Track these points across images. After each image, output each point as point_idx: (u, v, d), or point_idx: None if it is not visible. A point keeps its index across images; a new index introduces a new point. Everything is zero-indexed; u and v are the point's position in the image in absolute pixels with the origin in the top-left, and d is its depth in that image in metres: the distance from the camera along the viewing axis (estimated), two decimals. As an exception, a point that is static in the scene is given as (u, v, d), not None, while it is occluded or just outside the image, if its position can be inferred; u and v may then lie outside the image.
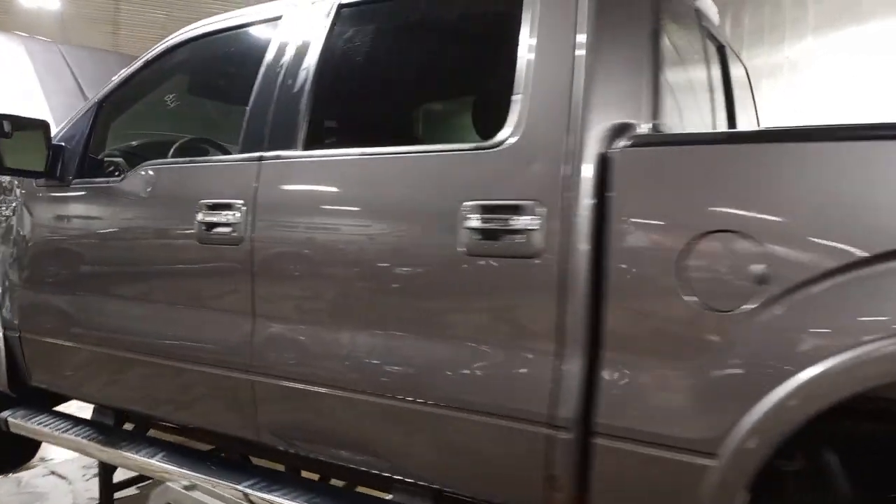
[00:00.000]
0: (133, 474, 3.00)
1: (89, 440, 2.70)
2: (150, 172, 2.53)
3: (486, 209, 1.80)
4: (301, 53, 2.28)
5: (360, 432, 2.04)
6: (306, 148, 2.19)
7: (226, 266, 2.28)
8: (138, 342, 2.52)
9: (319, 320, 2.09)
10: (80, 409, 3.09)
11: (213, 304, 2.33)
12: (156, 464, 2.46)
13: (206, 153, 2.83)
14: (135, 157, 2.90)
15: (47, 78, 3.55)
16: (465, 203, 1.82)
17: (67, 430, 2.80)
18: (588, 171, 1.69)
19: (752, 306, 1.48)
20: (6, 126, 2.60)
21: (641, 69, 1.79)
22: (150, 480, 3.11)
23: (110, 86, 2.81)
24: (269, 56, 2.36)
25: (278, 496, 2.17)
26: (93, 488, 3.40)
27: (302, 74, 2.25)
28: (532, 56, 1.83)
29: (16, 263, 2.95)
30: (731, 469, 1.49)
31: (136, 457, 2.54)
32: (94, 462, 3.45)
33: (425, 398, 1.90)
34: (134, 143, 3.04)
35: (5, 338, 2.99)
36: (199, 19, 2.63)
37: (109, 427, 2.80)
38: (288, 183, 2.19)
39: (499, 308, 1.81)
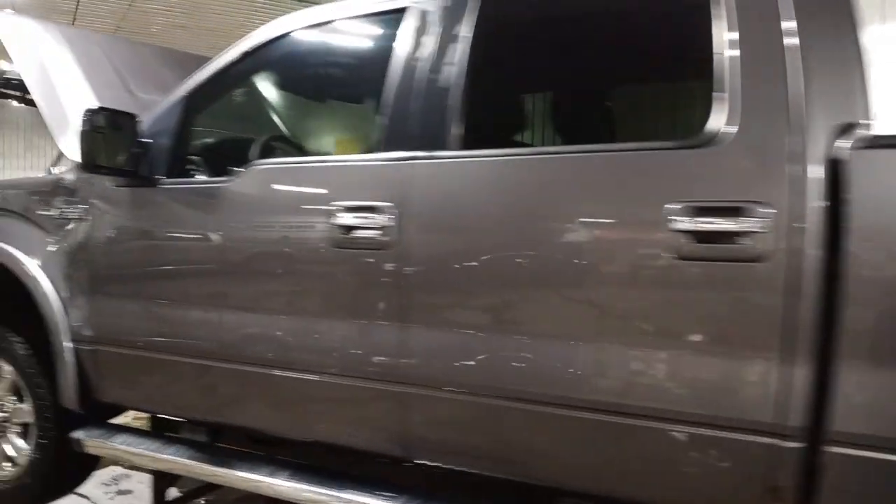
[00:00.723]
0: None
1: (195, 460, 2.52)
2: (268, 172, 2.36)
3: (698, 211, 1.72)
4: (445, 47, 2.15)
5: (544, 446, 1.94)
6: (463, 147, 2.07)
7: (370, 271, 2.14)
8: (252, 353, 2.36)
9: (490, 327, 1.98)
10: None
11: (351, 310, 2.19)
12: (285, 484, 2.30)
13: (294, 151, 2.67)
14: (212, 155, 2.73)
15: (90, 70, 3.28)
16: (667, 205, 1.75)
17: (161, 449, 2.61)
18: (817, 171, 1.64)
19: None
20: (101, 120, 2.38)
21: (852, 63, 1.75)
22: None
23: (199, 79, 2.61)
24: (402, 50, 2.22)
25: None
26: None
27: (448, 70, 2.12)
28: (736, 51, 1.77)
29: (87, 271, 2.72)
30: None
31: (263, 478, 2.37)
32: (112, 479, 3.30)
33: (630, 410, 1.81)
34: (211, 140, 2.85)
35: (76, 351, 2.75)
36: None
37: (209, 444, 2.62)
38: (446, 184, 2.06)
39: (713, 315, 1.74)
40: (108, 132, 2.42)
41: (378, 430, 2.19)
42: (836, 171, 1.62)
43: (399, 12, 2.28)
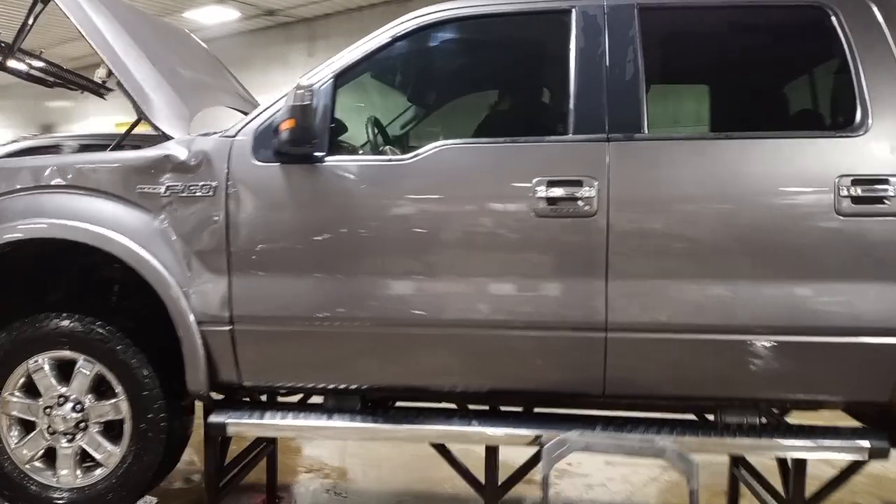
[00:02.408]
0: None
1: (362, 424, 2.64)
2: (458, 151, 2.57)
3: (857, 181, 2.39)
4: (620, 46, 2.58)
5: (713, 366, 2.48)
6: (650, 130, 2.52)
7: (574, 236, 2.49)
8: (451, 317, 2.55)
9: (683, 275, 2.46)
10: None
11: (555, 271, 2.52)
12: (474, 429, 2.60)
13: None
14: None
15: (145, 46, 3.06)
16: (839, 177, 2.40)
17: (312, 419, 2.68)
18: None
19: None
20: (311, 98, 2.39)
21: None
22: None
23: (348, 58, 2.69)
24: (579, 46, 2.59)
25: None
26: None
27: (627, 66, 2.56)
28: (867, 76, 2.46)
29: (227, 251, 2.64)
30: None
31: (452, 427, 2.63)
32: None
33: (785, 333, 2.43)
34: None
35: (203, 334, 2.65)
36: None
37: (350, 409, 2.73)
38: (637, 161, 2.50)
39: (868, 257, 2.41)
40: (312, 110, 2.42)
41: (578, 372, 2.54)
42: None
43: (565, 13, 2.65)
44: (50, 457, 2.82)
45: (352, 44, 2.69)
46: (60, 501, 2.77)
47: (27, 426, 2.83)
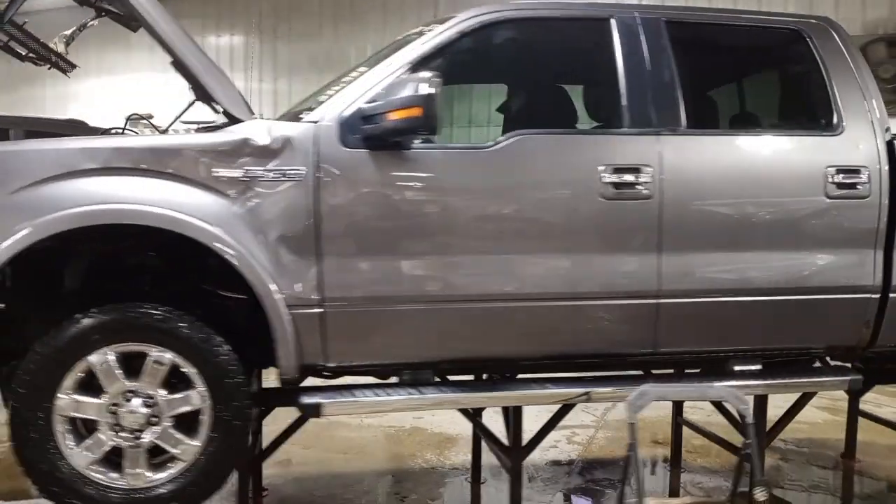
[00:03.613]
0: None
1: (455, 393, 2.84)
2: (535, 140, 2.85)
3: (839, 171, 3.05)
4: (656, 52, 3.01)
5: (743, 321, 3.04)
6: (689, 126, 2.99)
7: (634, 216, 2.89)
8: (530, 290, 2.83)
9: (726, 247, 2.97)
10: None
11: (618, 248, 2.90)
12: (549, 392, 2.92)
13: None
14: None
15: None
16: (826, 167, 3.04)
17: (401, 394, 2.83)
18: (882, 148, 3.10)
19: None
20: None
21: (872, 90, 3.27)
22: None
23: (422, 50, 2.84)
24: (623, 51, 2.99)
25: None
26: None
27: (665, 70, 3.01)
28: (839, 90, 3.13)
29: (315, 235, 2.67)
30: None
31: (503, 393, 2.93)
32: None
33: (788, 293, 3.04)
34: None
35: (293, 317, 2.67)
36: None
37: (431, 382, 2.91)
38: (685, 151, 2.96)
39: (844, 232, 3.06)
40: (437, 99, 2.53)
41: (635, 334, 2.95)
42: (891, 147, 3.11)
43: (605, 21, 3.03)
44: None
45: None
46: (134, 501, 2.62)
47: (85, 426, 2.64)
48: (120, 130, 3.80)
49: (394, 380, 2.97)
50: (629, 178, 2.88)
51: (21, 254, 2.46)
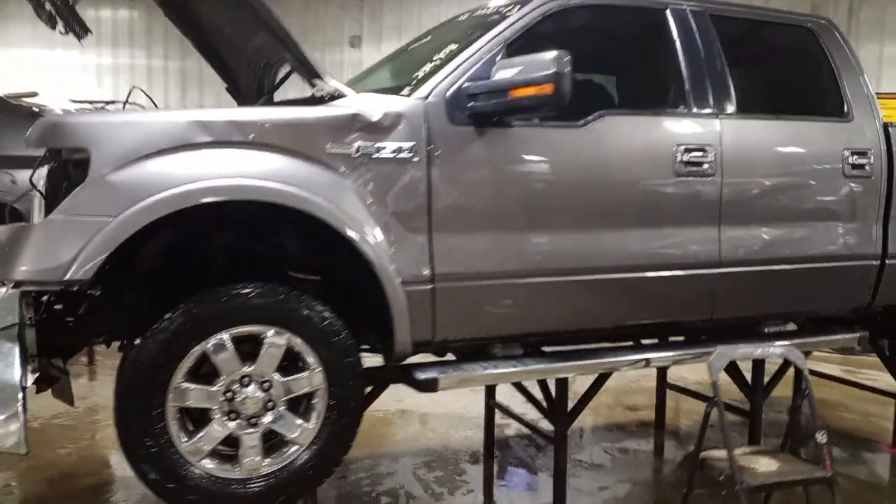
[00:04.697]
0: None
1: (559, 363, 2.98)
2: (620, 120, 3.00)
3: (853, 153, 3.47)
4: (707, 41, 3.27)
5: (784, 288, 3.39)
6: (738, 111, 3.27)
7: (698, 192, 3.13)
8: (607, 265, 2.99)
9: (768, 221, 3.29)
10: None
11: (689, 221, 3.13)
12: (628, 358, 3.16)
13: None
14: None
15: None
16: (843, 149, 3.45)
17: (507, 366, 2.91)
18: (880, 131, 3.57)
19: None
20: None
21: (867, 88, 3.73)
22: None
23: (511, 31, 2.90)
24: (681, 39, 3.22)
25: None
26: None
27: (718, 59, 3.27)
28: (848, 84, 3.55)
29: (427, 212, 2.68)
30: None
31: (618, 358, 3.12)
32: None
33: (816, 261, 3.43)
34: None
35: (407, 294, 2.66)
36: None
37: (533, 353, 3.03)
38: (739, 133, 3.24)
39: (848, 199, 3.48)
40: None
41: (698, 302, 3.20)
42: (886, 132, 3.58)
43: (661, 11, 3.25)
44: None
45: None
46: (253, 490, 2.50)
47: (196, 416, 2.48)
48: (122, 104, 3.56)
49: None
50: (698, 156, 3.11)
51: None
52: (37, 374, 2.35)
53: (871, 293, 3.61)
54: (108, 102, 8.80)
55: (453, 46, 2.98)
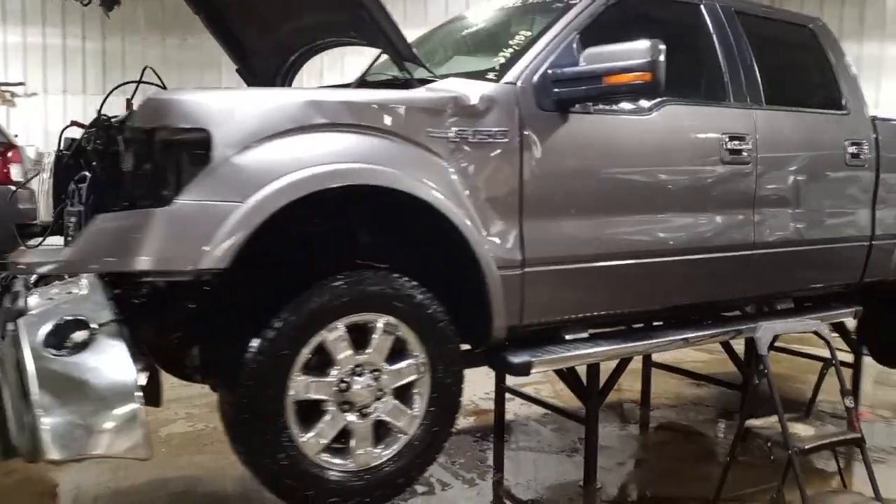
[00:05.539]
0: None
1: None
2: (679, 110, 3.14)
3: (852, 143, 3.81)
4: (737, 37, 3.48)
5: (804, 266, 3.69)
6: (768, 103, 3.51)
7: (738, 178, 3.34)
8: (677, 247, 3.15)
9: (790, 205, 3.56)
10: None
11: (730, 206, 3.33)
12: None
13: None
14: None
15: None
16: (845, 140, 3.78)
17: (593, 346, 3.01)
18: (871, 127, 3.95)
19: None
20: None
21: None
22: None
23: (583, 16, 2.96)
24: (716, 33, 3.42)
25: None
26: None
27: (747, 54, 3.49)
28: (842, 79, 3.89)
29: (518, 197, 2.70)
30: None
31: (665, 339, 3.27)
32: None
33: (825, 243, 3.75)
34: None
35: (502, 279, 2.68)
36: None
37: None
38: (770, 123, 3.47)
39: (848, 186, 3.83)
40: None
41: (735, 282, 3.41)
42: (874, 124, 3.96)
43: (696, 6, 3.43)
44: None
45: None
46: (367, 482, 2.44)
47: (310, 409, 2.39)
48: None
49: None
50: (738, 144, 3.32)
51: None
52: (147, 373, 2.18)
53: (862, 271, 3.98)
54: (14, 85, 8.09)
55: (525, 33, 3.01)
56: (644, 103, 3.04)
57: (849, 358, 4.34)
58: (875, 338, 4.49)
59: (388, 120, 2.47)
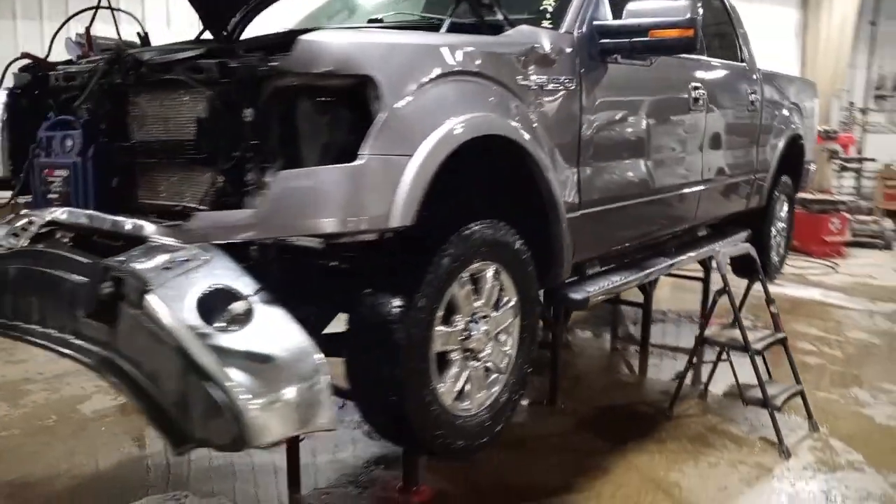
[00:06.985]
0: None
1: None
2: (665, 61, 3.45)
3: (751, 91, 4.49)
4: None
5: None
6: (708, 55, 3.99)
7: (699, 123, 3.81)
8: (670, 185, 3.57)
9: (716, 146, 4.12)
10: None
11: (695, 147, 3.80)
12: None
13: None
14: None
15: None
16: (747, 89, 4.44)
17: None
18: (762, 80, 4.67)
19: None
20: None
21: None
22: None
23: None
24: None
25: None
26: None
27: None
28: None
29: (577, 143, 2.87)
30: None
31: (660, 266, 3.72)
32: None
33: (734, 177, 4.44)
34: None
35: (568, 221, 2.84)
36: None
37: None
38: (712, 74, 3.96)
39: (748, 129, 4.53)
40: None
41: (691, 213, 3.93)
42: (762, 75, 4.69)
43: None
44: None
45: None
46: (484, 422, 2.52)
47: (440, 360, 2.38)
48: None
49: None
50: (698, 93, 3.77)
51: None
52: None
53: (747, 200, 4.75)
54: None
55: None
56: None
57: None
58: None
59: (495, 68, 2.46)
